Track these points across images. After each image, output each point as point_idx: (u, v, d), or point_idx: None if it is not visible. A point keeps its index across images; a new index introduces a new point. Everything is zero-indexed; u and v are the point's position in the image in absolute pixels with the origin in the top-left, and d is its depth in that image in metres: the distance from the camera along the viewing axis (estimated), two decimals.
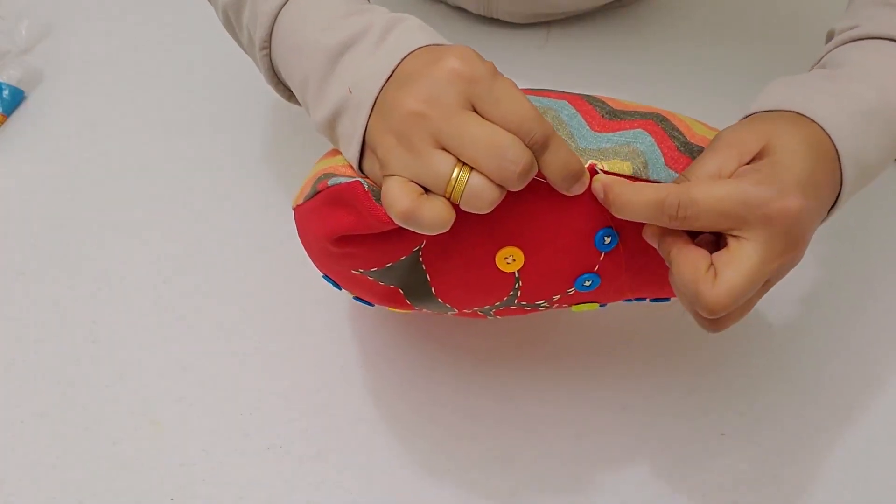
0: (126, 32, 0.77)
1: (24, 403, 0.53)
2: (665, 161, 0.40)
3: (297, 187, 0.64)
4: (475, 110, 0.35)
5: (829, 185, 0.39)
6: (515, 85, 0.36)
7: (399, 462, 0.50)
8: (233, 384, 0.54)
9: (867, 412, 0.52)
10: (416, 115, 0.35)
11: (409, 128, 0.35)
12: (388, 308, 0.45)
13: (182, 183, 0.64)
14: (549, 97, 0.42)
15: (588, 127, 0.40)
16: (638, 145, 0.40)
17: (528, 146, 0.35)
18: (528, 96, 0.41)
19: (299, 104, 0.48)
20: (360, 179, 0.39)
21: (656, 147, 0.40)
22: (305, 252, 0.45)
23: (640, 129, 0.41)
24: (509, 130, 0.34)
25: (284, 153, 0.66)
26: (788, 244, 0.37)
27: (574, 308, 0.46)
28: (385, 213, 0.37)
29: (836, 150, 0.39)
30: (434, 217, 0.35)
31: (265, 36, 0.46)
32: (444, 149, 0.35)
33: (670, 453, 0.51)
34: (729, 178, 0.38)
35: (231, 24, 0.51)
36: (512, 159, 0.34)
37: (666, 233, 0.39)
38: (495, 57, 0.40)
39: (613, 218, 0.39)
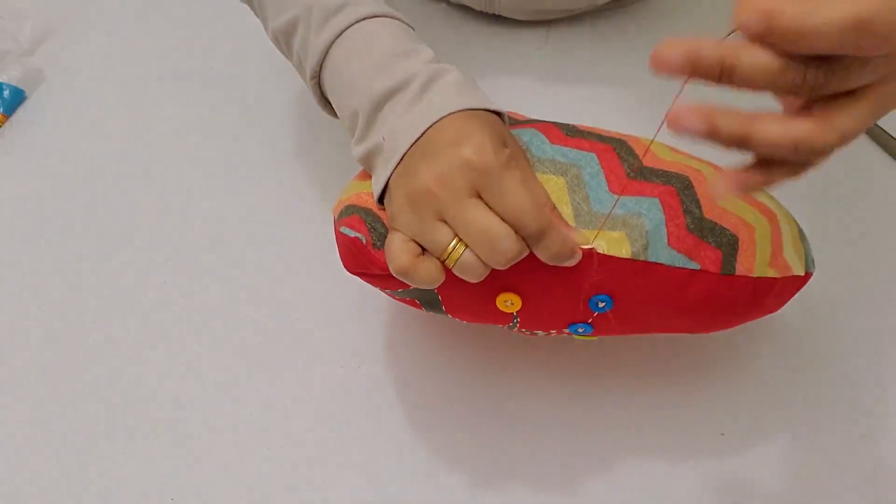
0: (127, 33, 0.77)
1: (24, 403, 0.53)
2: (668, 241, 0.41)
3: (299, 187, 0.64)
4: (481, 197, 0.38)
5: None
6: (521, 178, 0.38)
7: (399, 462, 0.50)
8: (233, 384, 0.54)
9: (868, 412, 0.52)
10: (428, 193, 0.38)
11: (421, 200, 0.39)
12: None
13: (182, 183, 0.65)
14: (580, 148, 0.43)
15: (606, 189, 0.41)
16: (646, 220, 0.40)
17: (523, 236, 0.38)
18: (558, 146, 0.43)
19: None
20: (359, 236, 0.42)
21: (663, 226, 0.41)
22: None
23: (656, 199, 0.41)
24: (508, 221, 0.38)
25: (285, 153, 0.67)
26: None
27: (575, 336, 0.47)
28: (384, 261, 0.40)
29: None
30: (426, 277, 0.39)
31: (315, 68, 0.48)
32: (446, 223, 0.38)
33: (670, 453, 0.51)
34: None
35: (280, 45, 0.53)
36: (501, 251, 0.37)
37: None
38: (496, 55, 0.40)
39: (611, 286, 0.41)
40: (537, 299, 0.42)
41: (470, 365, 0.54)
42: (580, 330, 0.44)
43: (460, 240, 0.38)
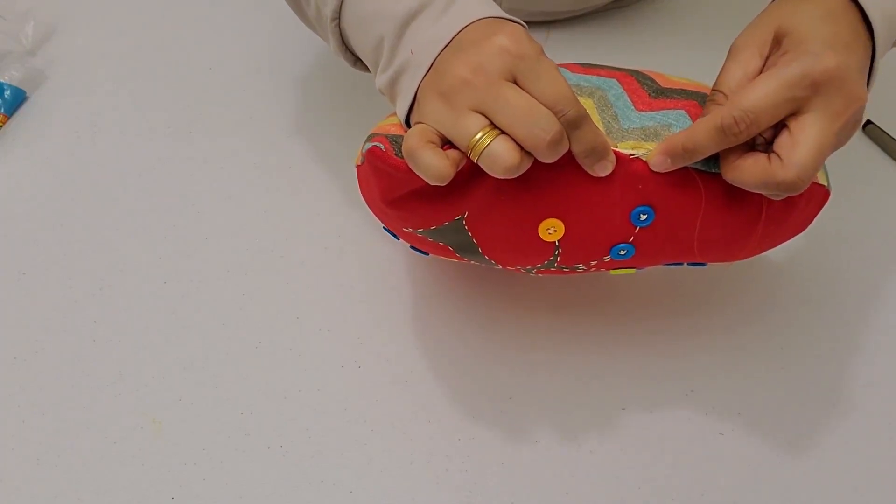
0: (128, 34, 0.77)
1: (24, 403, 0.53)
2: None
3: (301, 185, 0.64)
4: (516, 83, 0.38)
5: (858, 42, 0.40)
6: (556, 67, 0.38)
7: (398, 462, 0.50)
8: (233, 384, 0.54)
9: (866, 412, 0.52)
10: (463, 81, 0.38)
11: (454, 90, 0.38)
12: (440, 257, 0.48)
13: (182, 183, 0.65)
14: (599, 75, 0.45)
15: (633, 107, 0.42)
16: (677, 130, 0.41)
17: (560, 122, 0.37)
18: (581, 74, 0.44)
19: (363, 69, 0.52)
20: (378, 144, 0.42)
21: None
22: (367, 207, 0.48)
23: (681, 111, 0.42)
24: (545, 106, 0.37)
25: (285, 154, 0.67)
26: (845, 100, 0.38)
27: (612, 272, 0.48)
28: (402, 162, 0.40)
29: (857, 5, 0.40)
30: (428, 163, 0.37)
31: (336, 7, 0.48)
32: (481, 114, 0.38)
33: (669, 453, 0.51)
34: (759, 74, 0.40)
35: (296, 1, 0.54)
36: (543, 128, 0.36)
37: (722, 163, 0.40)
38: None
39: (651, 197, 0.41)
40: (580, 221, 0.42)
41: (468, 367, 0.54)
42: (622, 252, 0.44)
43: (491, 130, 0.37)
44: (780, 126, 0.39)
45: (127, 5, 0.79)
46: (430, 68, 0.41)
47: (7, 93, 0.69)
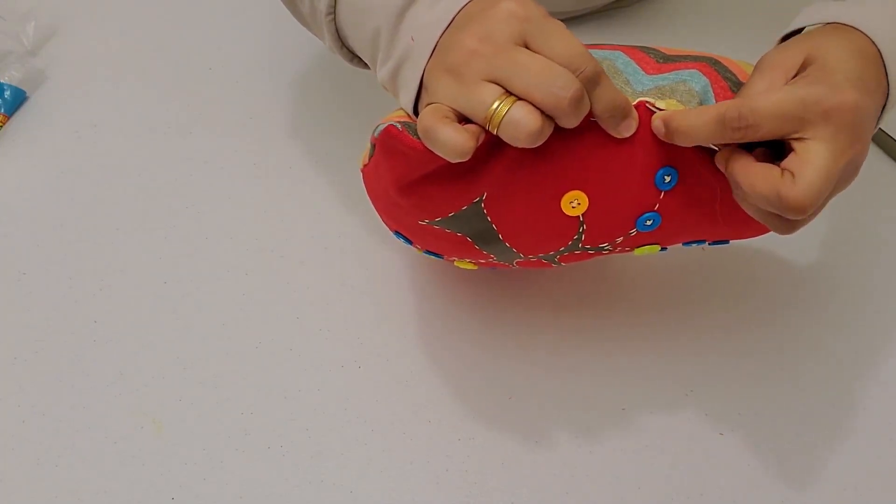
0: (128, 34, 0.77)
1: (24, 403, 0.53)
2: (717, 101, 0.41)
3: (296, 188, 0.64)
4: (527, 47, 0.37)
5: (877, 86, 0.40)
6: (565, 26, 0.37)
7: (399, 462, 0.50)
8: (233, 384, 0.54)
9: (866, 412, 0.52)
10: (471, 52, 0.37)
11: (463, 63, 0.37)
12: (455, 261, 0.47)
13: (182, 183, 0.65)
14: (603, 49, 0.44)
15: (643, 72, 0.42)
16: (693, 84, 0.41)
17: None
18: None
19: (361, 66, 0.51)
20: (393, 122, 0.40)
21: (710, 88, 0.41)
22: (376, 212, 0.47)
23: (695, 70, 0.42)
24: (560, 65, 0.36)
25: (285, 154, 0.67)
26: (852, 138, 0.38)
27: (636, 251, 0.47)
28: (418, 142, 0.38)
29: (880, 53, 0.40)
30: (447, 138, 0.35)
31: (330, 2, 0.47)
32: (494, 83, 0.36)
33: (669, 453, 0.51)
34: None
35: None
36: (562, 86, 0.35)
37: (733, 156, 0.39)
38: None
39: (673, 157, 0.41)
40: (603, 191, 0.41)
41: (468, 367, 0.54)
42: (648, 222, 0.43)
43: (507, 97, 0.35)
44: (779, 152, 0.39)
45: (127, 5, 0.79)
46: (433, 52, 0.39)
47: (7, 93, 0.69)
